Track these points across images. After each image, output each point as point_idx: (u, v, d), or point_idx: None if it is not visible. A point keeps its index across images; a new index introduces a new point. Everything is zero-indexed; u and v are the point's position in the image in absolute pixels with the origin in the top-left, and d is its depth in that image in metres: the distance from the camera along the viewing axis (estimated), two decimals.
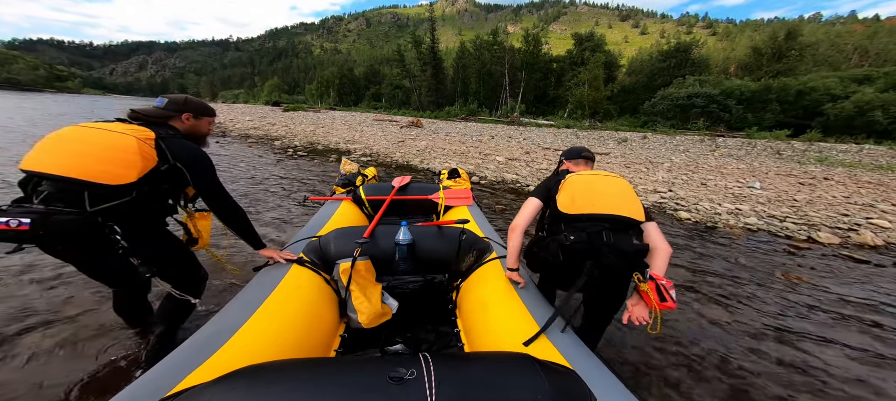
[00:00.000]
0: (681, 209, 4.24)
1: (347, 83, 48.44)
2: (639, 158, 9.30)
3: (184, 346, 0.87)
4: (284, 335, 0.99)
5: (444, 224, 1.69)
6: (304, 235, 1.57)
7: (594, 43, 33.22)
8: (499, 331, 1.10)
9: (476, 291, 1.35)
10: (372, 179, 2.86)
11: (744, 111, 20.15)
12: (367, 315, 1.27)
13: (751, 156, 10.64)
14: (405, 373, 0.70)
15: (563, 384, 0.75)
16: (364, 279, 1.34)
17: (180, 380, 0.75)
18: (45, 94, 49.28)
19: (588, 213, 1.12)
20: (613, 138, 15.72)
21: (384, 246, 1.46)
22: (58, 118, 13.14)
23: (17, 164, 1.36)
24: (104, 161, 1.01)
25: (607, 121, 24.60)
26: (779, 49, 25.59)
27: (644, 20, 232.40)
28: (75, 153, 1.01)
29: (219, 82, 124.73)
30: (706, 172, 7.43)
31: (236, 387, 0.67)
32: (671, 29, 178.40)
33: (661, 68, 28.94)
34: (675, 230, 3.57)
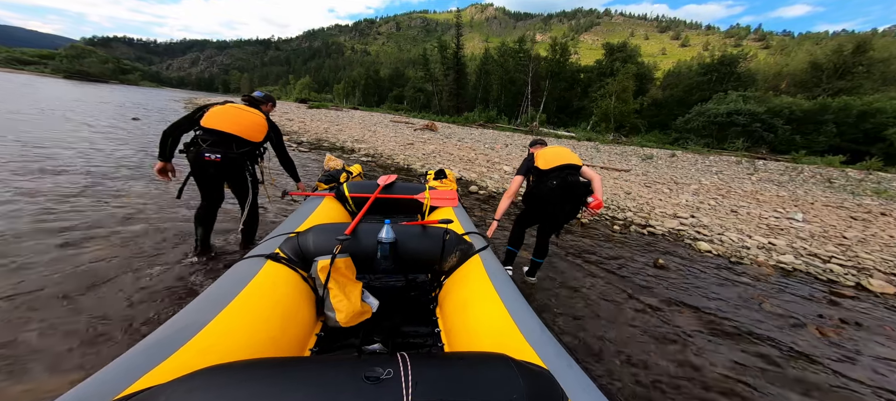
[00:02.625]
0: (701, 239, 3.76)
1: (372, 84, 49.92)
2: (662, 178, 8.59)
3: (141, 343, 0.81)
4: (255, 334, 0.94)
5: (427, 224, 1.66)
6: (282, 231, 1.53)
7: (626, 53, 31.82)
8: (478, 331, 1.10)
9: (457, 291, 1.35)
10: (357, 176, 2.83)
11: (792, 132, 18.20)
12: (346, 314, 1.24)
13: (795, 182, 9.49)
14: (382, 373, 0.68)
15: (537, 384, 0.75)
16: (343, 277, 1.30)
17: (135, 380, 0.70)
18: (109, 85, 55.35)
19: (555, 166, 1.98)
20: (637, 154, 14.79)
21: (366, 244, 1.43)
22: (94, 104, 14.55)
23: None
24: (251, 127, 1.94)
25: (633, 135, 23.28)
26: (843, 64, 22.93)
27: (686, 32, 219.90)
28: (237, 120, 1.89)
29: (257, 79, 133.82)
30: (739, 197, 6.67)
31: (197, 387, 0.63)
32: (716, 41, 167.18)
33: (701, 82, 27.07)
34: (691, 263, 3.14)
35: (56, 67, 68.04)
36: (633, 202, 5.16)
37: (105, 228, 2.39)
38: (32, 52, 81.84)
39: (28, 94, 15.40)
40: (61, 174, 3.55)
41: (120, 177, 3.73)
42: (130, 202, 2.95)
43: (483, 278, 1.29)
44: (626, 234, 3.76)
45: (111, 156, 4.73)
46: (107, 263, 1.95)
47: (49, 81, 38.42)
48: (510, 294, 1.20)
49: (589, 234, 3.60)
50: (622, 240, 3.53)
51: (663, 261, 3.01)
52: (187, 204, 2.87)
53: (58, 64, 69.14)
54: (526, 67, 31.04)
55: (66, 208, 2.65)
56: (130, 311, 1.57)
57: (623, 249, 3.26)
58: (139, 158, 4.84)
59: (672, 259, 3.15)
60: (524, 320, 1.06)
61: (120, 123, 8.61)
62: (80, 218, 2.50)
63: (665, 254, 3.27)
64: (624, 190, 6.24)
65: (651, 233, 3.85)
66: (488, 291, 1.22)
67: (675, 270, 2.92)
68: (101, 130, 7.11)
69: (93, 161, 4.30)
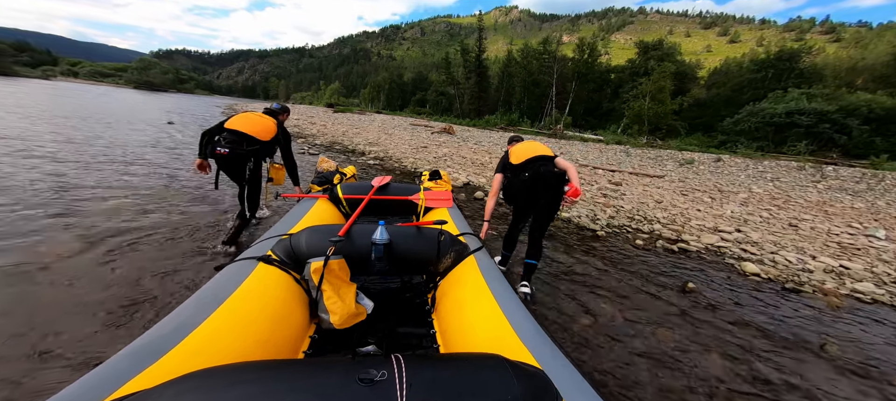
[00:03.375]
0: (748, 259, 3.15)
1: (396, 88, 51.10)
2: (703, 185, 7.64)
3: (130, 347, 0.80)
4: (246, 336, 0.93)
5: (422, 225, 1.66)
6: (275, 234, 1.53)
7: (663, 51, 29.53)
8: (473, 331, 1.10)
9: (452, 292, 1.34)
10: (350, 178, 2.83)
11: (870, 134, 15.54)
12: (340, 315, 1.22)
13: (875, 192, 7.96)
14: (376, 374, 0.68)
15: (532, 384, 0.75)
16: (337, 279, 1.28)
17: (123, 383, 0.69)
18: (169, 93, 62.50)
19: (527, 158, 1.99)
20: (675, 159, 13.47)
21: (360, 245, 1.42)
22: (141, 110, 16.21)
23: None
24: (260, 129, 2.28)
25: (671, 138, 21.37)
26: None
27: (735, 27, 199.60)
28: (250, 123, 2.27)
29: (292, 85, 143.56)
30: (801, 209, 5.68)
31: (185, 390, 0.62)
32: (773, 36, 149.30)
33: (753, 80, 24.31)
34: (731, 289, 2.60)
35: (128, 79, 78.39)
36: (663, 212, 4.55)
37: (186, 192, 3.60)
38: (111, 66, 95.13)
39: (104, 103, 17.67)
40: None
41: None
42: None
43: (478, 279, 1.29)
44: (651, 249, 3.26)
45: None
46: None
47: (121, 91, 44.28)
48: (505, 295, 1.18)
49: (602, 248, 3.16)
50: (644, 256, 3.05)
51: (693, 284, 2.53)
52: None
53: (129, 76, 79.62)
54: (550, 69, 29.93)
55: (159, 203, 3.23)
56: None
57: (644, 268, 2.80)
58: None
59: (706, 283, 2.64)
60: (519, 320, 1.05)
61: (156, 127, 9.46)
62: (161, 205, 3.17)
63: (697, 276, 2.75)
64: (653, 198, 5.58)
65: (683, 250, 3.29)
66: (483, 291, 1.21)
67: (708, 296, 2.42)
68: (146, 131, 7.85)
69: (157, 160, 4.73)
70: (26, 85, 28.38)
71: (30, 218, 2.52)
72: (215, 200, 3.39)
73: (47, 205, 2.81)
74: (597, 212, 4.30)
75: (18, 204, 2.74)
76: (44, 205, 2.80)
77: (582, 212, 4.19)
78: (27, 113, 9.37)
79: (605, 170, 8.98)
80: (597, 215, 4.15)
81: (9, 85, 24.88)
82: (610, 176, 7.97)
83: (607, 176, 7.94)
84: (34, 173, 3.66)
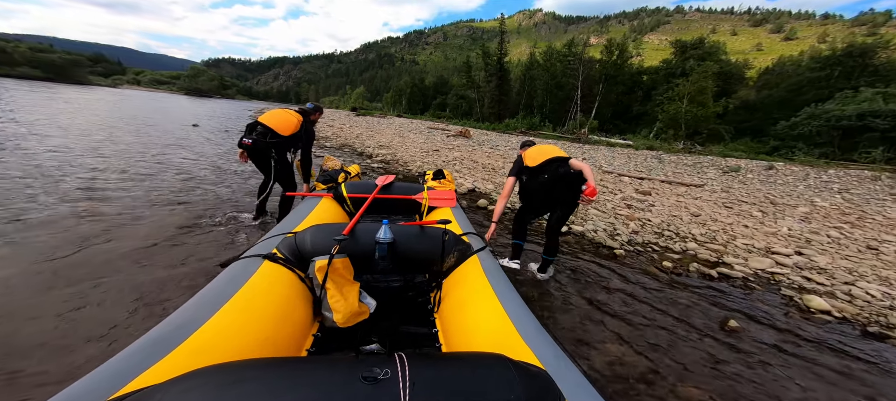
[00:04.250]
0: (813, 291, 2.48)
1: (417, 92, 51.74)
2: (751, 196, 6.63)
3: (136, 344, 0.81)
4: (250, 334, 0.94)
5: (426, 224, 1.66)
6: (279, 232, 1.54)
7: (703, 50, 27.12)
8: (476, 331, 1.10)
9: (455, 292, 1.35)
10: (355, 176, 2.86)
11: None
12: (343, 314, 1.23)
13: None
14: (379, 373, 0.68)
15: (535, 385, 0.74)
16: (341, 277, 1.29)
17: (129, 380, 0.70)
18: (213, 99, 68.56)
19: (544, 161, 2.13)
20: (717, 166, 12.09)
21: (364, 244, 1.44)
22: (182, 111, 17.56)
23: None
24: (283, 124, 2.44)
25: (713, 144, 19.41)
26: None
27: (791, 23, 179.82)
28: (274, 118, 2.45)
29: (321, 90, 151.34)
30: (881, 228, 4.64)
31: (193, 387, 0.63)
32: (838, 31, 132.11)
33: (815, 79, 21.51)
34: (788, 330, 2.00)
35: (180, 86, 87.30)
36: (701, 228, 3.87)
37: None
38: (167, 74, 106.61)
39: (159, 107, 19.56)
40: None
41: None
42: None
43: (481, 279, 1.28)
44: (682, 273, 2.68)
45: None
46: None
47: (174, 97, 49.27)
48: (508, 295, 1.18)
49: (619, 270, 2.65)
50: (671, 283, 2.50)
51: (736, 323, 1.97)
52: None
53: (181, 83, 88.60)
54: (575, 71, 28.62)
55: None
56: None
57: (670, 298, 2.27)
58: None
59: (755, 320, 2.06)
60: (522, 320, 1.05)
61: (181, 129, 10.12)
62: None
63: (743, 310, 2.18)
64: (689, 211, 4.84)
65: (724, 275, 2.68)
66: (486, 291, 1.21)
67: (756, 339, 1.87)
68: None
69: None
70: (97, 92, 32.37)
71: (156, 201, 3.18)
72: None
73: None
74: (617, 226, 3.74)
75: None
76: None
77: (599, 226, 3.66)
78: (92, 118, 10.49)
79: (631, 177, 8.15)
80: (617, 230, 3.60)
81: (84, 92, 28.53)
82: (637, 184, 7.18)
83: (634, 184, 7.16)
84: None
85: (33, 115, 9.12)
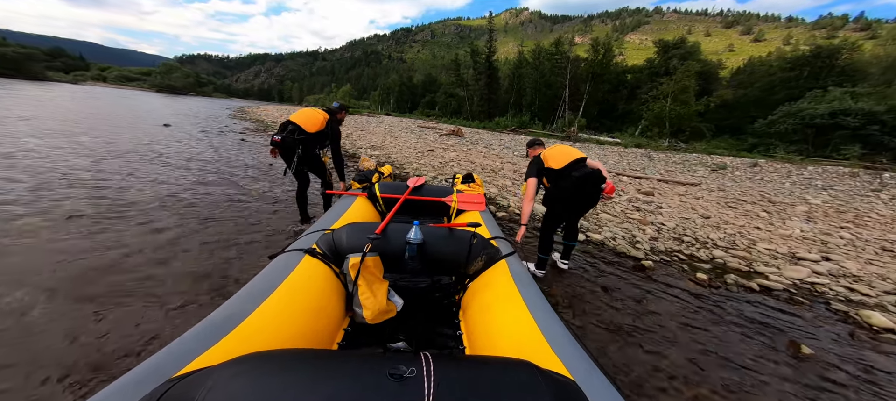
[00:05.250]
0: (862, 304, 2.29)
1: (406, 90, 51.01)
2: (747, 194, 6.67)
3: (195, 329, 0.88)
4: (291, 325, 1.01)
5: (455, 226, 1.67)
6: (319, 228, 1.61)
7: (684, 50, 28.04)
8: (501, 335, 1.09)
9: (481, 295, 1.35)
10: (387, 177, 2.95)
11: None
12: (373, 311, 1.26)
13: None
14: (405, 371, 0.70)
15: (563, 394, 0.73)
16: (372, 275, 1.32)
17: (189, 362, 0.77)
18: (188, 97, 64.75)
19: (569, 162, 2.09)
20: (704, 164, 12.37)
21: (395, 244, 1.47)
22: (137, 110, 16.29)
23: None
24: (309, 121, 2.56)
25: (696, 142, 20.04)
26: None
27: (759, 25, 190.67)
28: (302, 116, 2.58)
29: (306, 88, 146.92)
30: (882, 227, 4.69)
31: (240, 372, 0.69)
32: (801, 34, 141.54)
33: (787, 79, 22.64)
34: (860, 350, 1.80)
35: (151, 83, 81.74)
36: (718, 232, 3.72)
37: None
38: (136, 70, 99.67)
39: (128, 105, 18.02)
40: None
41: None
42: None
43: (509, 284, 1.28)
44: (720, 287, 2.47)
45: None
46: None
47: (145, 95, 46.03)
48: (536, 301, 1.16)
49: (652, 285, 2.41)
50: (713, 299, 2.28)
51: (809, 348, 1.75)
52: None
53: (153, 80, 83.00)
54: (563, 69, 28.93)
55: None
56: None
57: (720, 317, 2.04)
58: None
59: (822, 344, 1.85)
60: (550, 328, 1.02)
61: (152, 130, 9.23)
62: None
63: (803, 330, 1.97)
64: (697, 212, 4.72)
65: (765, 288, 2.48)
66: (514, 296, 1.19)
67: (835, 367, 1.65)
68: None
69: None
70: (55, 89, 29.63)
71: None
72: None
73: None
74: (633, 231, 3.54)
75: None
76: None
77: (616, 232, 3.43)
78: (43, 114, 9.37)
79: (629, 177, 8.09)
80: (635, 236, 3.38)
81: (37, 89, 26.00)
82: (637, 184, 7.10)
83: (634, 184, 7.07)
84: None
85: None
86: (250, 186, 4.06)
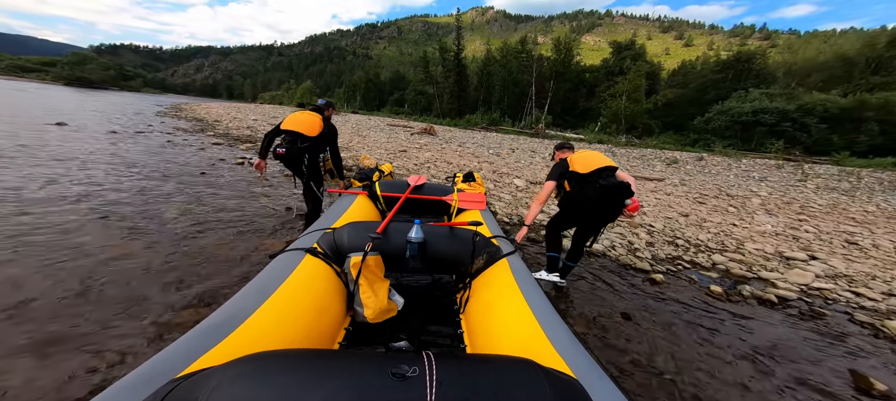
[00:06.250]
0: (875, 310, 2.23)
1: (373, 88, 49.02)
2: (707, 187, 7.11)
3: (197, 329, 0.87)
4: (292, 324, 1.00)
5: (456, 225, 1.65)
6: (320, 227, 1.60)
7: (635, 51, 30.49)
8: (502, 335, 1.09)
9: (482, 294, 1.35)
10: (388, 175, 2.92)
11: (828, 132, 16.60)
12: (374, 310, 1.27)
13: (867, 192, 7.91)
14: (407, 370, 0.70)
15: (566, 393, 0.73)
16: (373, 274, 1.32)
17: (192, 362, 0.76)
18: (109, 92, 55.19)
19: (596, 169, 1.94)
20: (659, 158, 13.31)
21: (396, 243, 1.46)
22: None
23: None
24: (309, 126, 2.42)
25: (647, 137, 21.80)
26: (878, 58, 21.38)
27: (689, 31, 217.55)
28: (300, 122, 2.41)
29: (260, 84, 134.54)
30: (830, 218, 5.15)
31: (243, 372, 0.69)
32: (721, 41, 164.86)
33: (716, 80, 25.61)
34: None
35: (57, 74, 67.97)
36: (703, 233, 3.69)
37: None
38: (36, 60, 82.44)
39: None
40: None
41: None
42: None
43: (510, 283, 1.27)
44: (738, 301, 2.28)
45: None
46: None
47: (48, 88, 37.88)
48: (538, 300, 1.15)
49: (668, 302, 2.16)
50: (737, 316, 2.07)
51: (880, 382, 1.54)
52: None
53: (59, 71, 69.07)
54: (529, 68, 29.81)
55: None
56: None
57: (759, 341, 1.81)
58: None
59: (883, 371, 1.68)
60: (552, 326, 1.02)
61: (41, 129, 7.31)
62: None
63: (844, 353, 1.80)
64: (675, 210, 4.77)
65: (782, 299, 2.32)
66: (515, 295, 1.19)
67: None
68: None
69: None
70: None
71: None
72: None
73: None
74: (628, 236, 3.35)
75: None
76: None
77: (612, 239, 3.20)
78: None
79: None
80: (633, 243, 3.18)
81: None
82: None
83: None
84: None
85: None
86: (173, 213, 3.10)
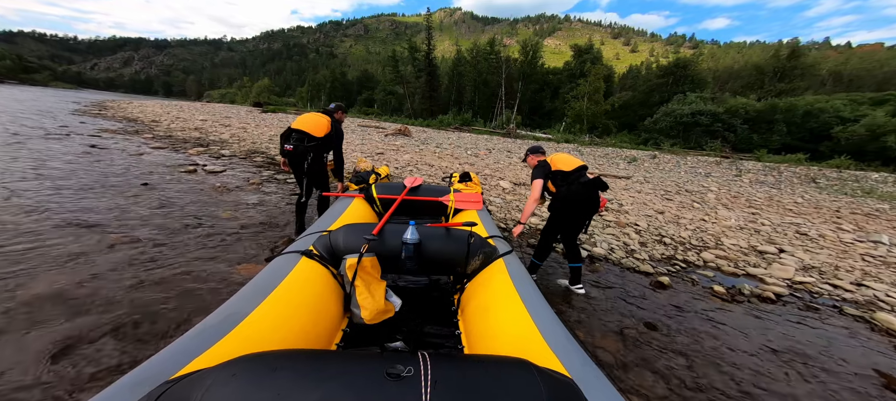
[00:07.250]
0: (854, 301, 2.41)
1: (339, 87, 46.75)
2: (666, 185, 7.73)
3: (192, 331, 0.87)
4: (289, 326, 1.00)
5: (452, 226, 1.66)
6: (316, 229, 1.61)
7: (593, 55, 32.82)
8: (499, 335, 1.09)
9: (479, 294, 1.35)
10: (384, 177, 2.91)
11: (749, 132, 19.37)
12: (370, 311, 1.27)
13: (789, 185, 9.27)
14: (403, 370, 0.70)
15: (560, 393, 0.73)
16: (369, 275, 1.33)
17: (186, 364, 0.76)
18: (5, 85, 45.41)
19: (575, 168, 2.09)
20: (620, 157, 14.35)
21: (391, 244, 1.47)
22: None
23: None
24: (316, 126, 2.49)
25: (606, 136, 23.58)
26: (782, 68, 25.41)
27: (635, 38, 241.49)
28: (308, 123, 2.50)
29: (206, 82, 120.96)
30: (770, 208, 5.84)
31: (238, 373, 0.69)
32: (660, 48, 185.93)
33: (659, 84, 28.52)
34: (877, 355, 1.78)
35: None
36: (682, 230, 3.90)
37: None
38: None
39: None
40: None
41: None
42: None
43: (506, 283, 1.28)
44: (742, 302, 2.33)
45: None
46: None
47: None
48: (534, 300, 1.16)
49: (683, 308, 2.16)
50: (749, 318, 2.12)
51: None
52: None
53: None
54: (498, 69, 30.58)
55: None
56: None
57: (775, 342, 1.85)
58: None
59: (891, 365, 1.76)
60: (548, 326, 1.03)
61: None
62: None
63: (845, 346, 1.90)
64: (650, 207, 5.05)
65: (778, 296, 2.42)
66: (511, 295, 1.20)
67: None
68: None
69: None
70: None
71: None
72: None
73: None
74: (620, 237, 3.41)
75: None
76: None
77: (602, 240, 3.23)
78: None
79: None
80: (628, 244, 3.24)
81: None
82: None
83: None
84: None
85: None
86: (105, 243, 2.41)
